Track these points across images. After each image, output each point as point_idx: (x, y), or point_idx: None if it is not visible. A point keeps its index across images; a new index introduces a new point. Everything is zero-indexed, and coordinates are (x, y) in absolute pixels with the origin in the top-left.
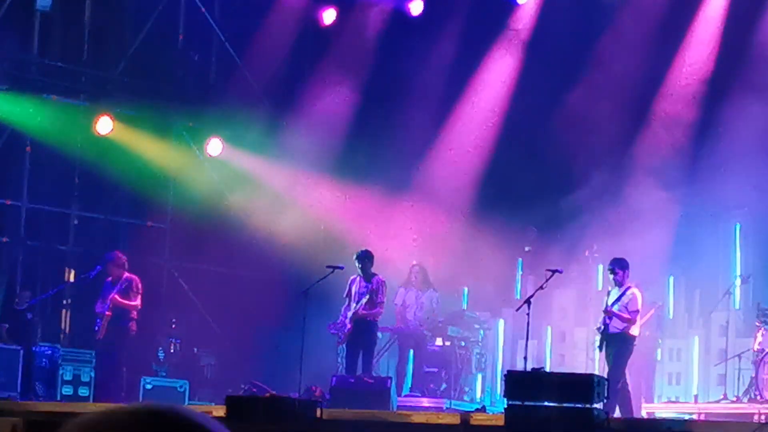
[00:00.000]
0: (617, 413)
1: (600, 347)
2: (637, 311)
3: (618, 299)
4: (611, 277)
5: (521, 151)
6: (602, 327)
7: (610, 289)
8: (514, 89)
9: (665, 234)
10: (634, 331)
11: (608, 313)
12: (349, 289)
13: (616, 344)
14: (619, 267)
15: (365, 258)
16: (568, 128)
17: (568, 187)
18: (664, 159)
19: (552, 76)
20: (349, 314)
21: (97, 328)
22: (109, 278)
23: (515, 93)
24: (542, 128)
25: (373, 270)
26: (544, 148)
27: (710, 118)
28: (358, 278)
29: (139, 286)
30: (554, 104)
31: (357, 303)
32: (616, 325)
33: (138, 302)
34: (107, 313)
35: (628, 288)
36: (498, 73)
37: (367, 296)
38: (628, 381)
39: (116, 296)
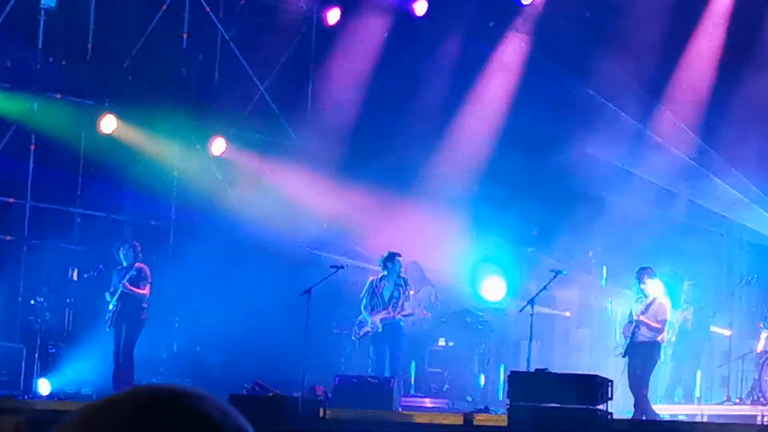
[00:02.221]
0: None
1: (624, 354)
2: (666, 320)
3: (646, 309)
4: (639, 286)
5: (526, 150)
6: (629, 336)
7: (635, 298)
8: (518, 87)
9: (670, 235)
10: (662, 339)
11: (638, 323)
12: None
13: (645, 354)
14: (648, 276)
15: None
16: (575, 125)
17: (573, 187)
18: (671, 155)
19: (559, 73)
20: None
21: (107, 318)
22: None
23: (519, 91)
24: (547, 127)
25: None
26: (548, 146)
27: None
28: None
29: (149, 274)
30: (560, 101)
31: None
32: (644, 334)
33: (147, 291)
34: (117, 303)
35: (656, 298)
36: (502, 74)
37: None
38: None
39: (126, 283)
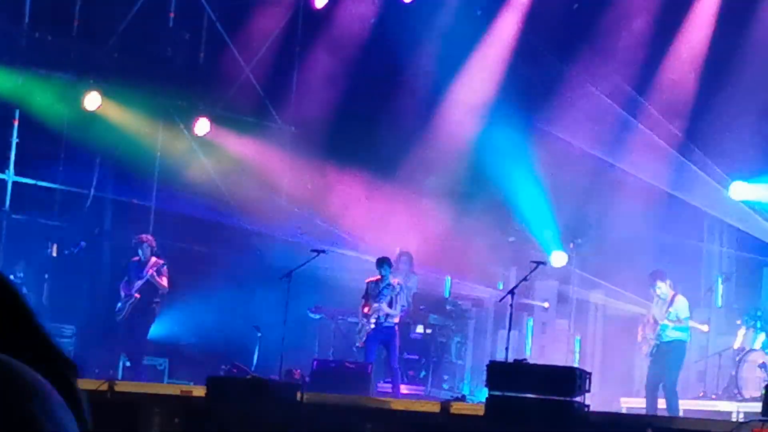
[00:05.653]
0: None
1: (651, 354)
2: (688, 317)
3: (668, 309)
4: (655, 291)
5: (509, 140)
6: (657, 338)
7: (653, 295)
8: (505, 74)
9: (649, 229)
10: (687, 337)
11: (663, 324)
12: None
13: (673, 352)
14: (660, 280)
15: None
16: (561, 115)
17: (555, 179)
18: (652, 153)
19: (547, 61)
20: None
21: (119, 308)
22: (136, 258)
23: (506, 78)
24: (532, 116)
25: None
26: (534, 136)
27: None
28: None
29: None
30: (546, 92)
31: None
32: (669, 334)
33: (166, 284)
34: (136, 295)
35: (675, 296)
36: (488, 62)
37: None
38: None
39: (154, 273)
